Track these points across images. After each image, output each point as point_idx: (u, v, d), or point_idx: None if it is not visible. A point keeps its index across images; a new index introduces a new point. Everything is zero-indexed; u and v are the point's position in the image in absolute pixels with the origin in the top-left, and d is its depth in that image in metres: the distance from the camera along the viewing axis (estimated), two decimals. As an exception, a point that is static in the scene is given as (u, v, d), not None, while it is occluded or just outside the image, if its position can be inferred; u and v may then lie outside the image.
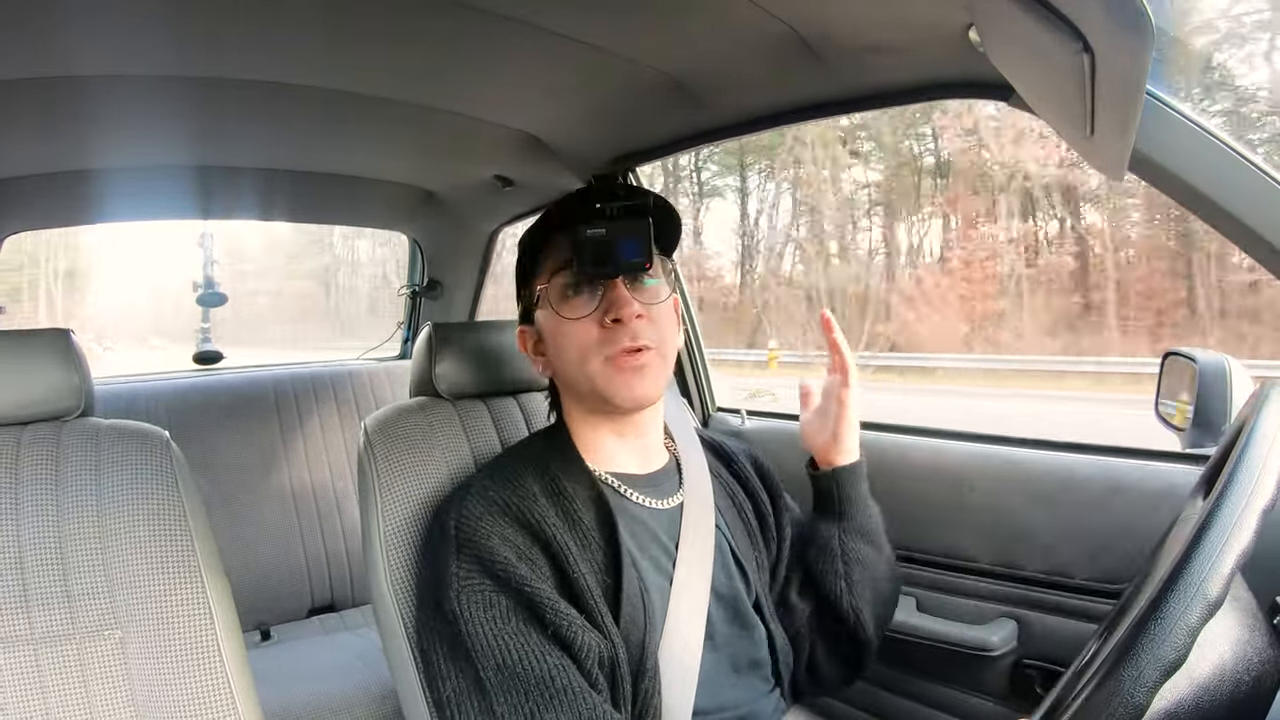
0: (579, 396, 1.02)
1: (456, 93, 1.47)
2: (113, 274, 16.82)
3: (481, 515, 0.91)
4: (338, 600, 2.21)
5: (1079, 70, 0.66)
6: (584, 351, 0.96)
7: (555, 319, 0.99)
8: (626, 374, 0.95)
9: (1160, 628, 0.52)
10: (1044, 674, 1.34)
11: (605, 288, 0.97)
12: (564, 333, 0.98)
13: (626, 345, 0.95)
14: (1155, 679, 0.51)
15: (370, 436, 1.12)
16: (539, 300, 1.01)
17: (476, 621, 0.85)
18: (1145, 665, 0.51)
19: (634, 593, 0.93)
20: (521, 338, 1.09)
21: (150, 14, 1.09)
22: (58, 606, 0.92)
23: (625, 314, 0.95)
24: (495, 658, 0.83)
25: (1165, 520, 0.87)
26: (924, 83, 1.23)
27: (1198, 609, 0.52)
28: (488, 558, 0.87)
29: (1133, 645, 0.52)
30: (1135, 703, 0.50)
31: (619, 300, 0.95)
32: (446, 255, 2.65)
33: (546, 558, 0.90)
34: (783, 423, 1.86)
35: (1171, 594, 0.52)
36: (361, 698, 1.68)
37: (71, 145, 1.64)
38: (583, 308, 0.97)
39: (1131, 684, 0.51)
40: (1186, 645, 0.51)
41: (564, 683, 0.82)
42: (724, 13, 1.09)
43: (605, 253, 0.94)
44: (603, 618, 0.89)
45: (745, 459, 1.19)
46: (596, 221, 0.94)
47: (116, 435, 1.03)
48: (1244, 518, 0.55)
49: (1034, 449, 1.43)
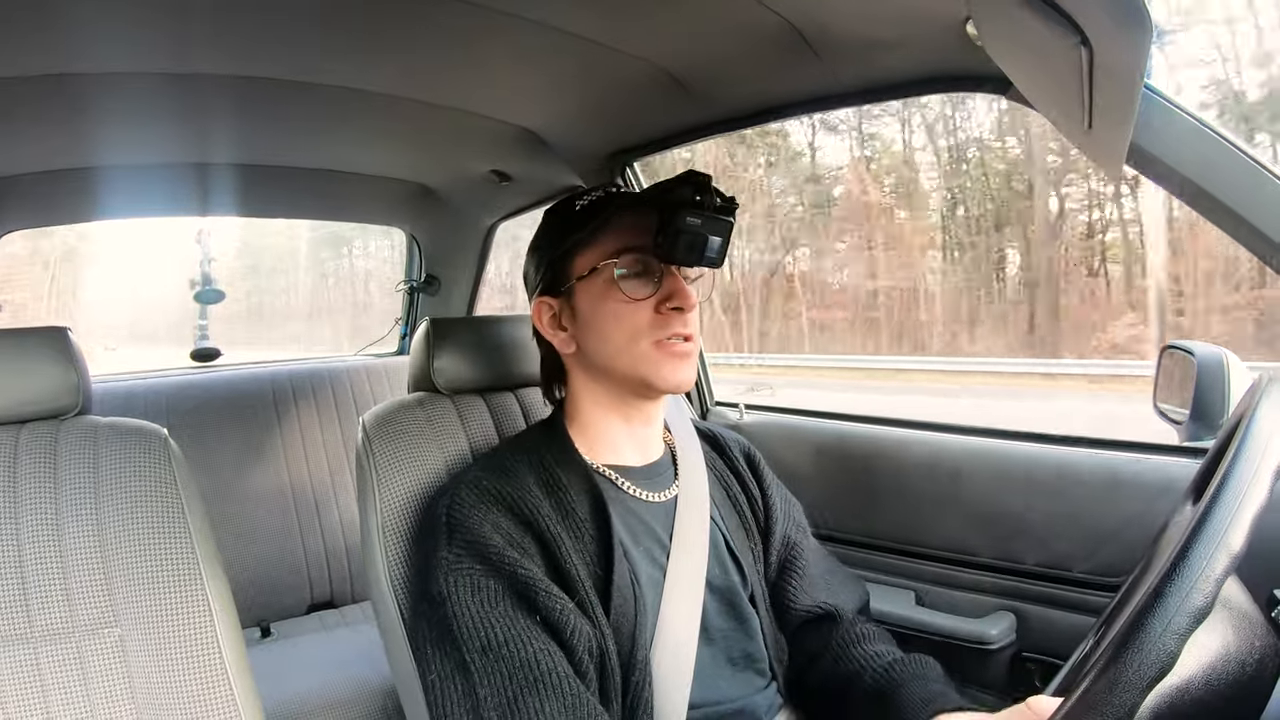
0: (606, 379, 1.02)
1: (453, 88, 1.47)
2: (116, 272, 16.80)
3: (474, 504, 0.91)
4: (337, 596, 2.21)
5: (1077, 64, 0.66)
6: (636, 333, 0.97)
7: (608, 295, 0.98)
8: (675, 359, 0.98)
9: (1190, 571, 0.52)
10: (1043, 667, 1.35)
11: (665, 275, 0.98)
12: (616, 312, 0.98)
13: (680, 331, 0.97)
14: (1187, 624, 0.51)
15: (368, 432, 1.12)
16: (587, 273, 1.00)
17: (463, 603, 0.85)
18: (1176, 608, 0.51)
19: (625, 584, 0.93)
20: (538, 310, 1.05)
21: (149, 11, 1.09)
22: (57, 604, 0.92)
23: (688, 303, 0.98)
24: (480, 639, 0.83)
25: (1164, 513, 0.87)
26: (921, 76, 1.23)
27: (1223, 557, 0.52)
28: (478, 542, 0.87)
29: (1130, 638, 0.52)
30: (1133, 695, 0.51)
31: (682, 290, 0.97)
32: (444, 250, 2.64)
33: (538, 546, 0.90)
34: (781, 416, 1.86)
35: (1169, 588, 0.52)
36: (361, 693, 1.68)
37: (70, 142, 1.64)
38: (642, 290, 0.98)
39: (1131, 674, 0.51)
40: (1214, 594, 0.51)
41: (548, 666, 0.82)
42: (721, 6, 1.09)
43: (698, 244, 0.95)
44: (593, 608, 0.89)
45: (738, 450, 1.19)
46: (694, 211, 0.95)
47: (115, 433, 1.03)
48: (1241, 511, 0.55)
49: (1033, 443, 1.43)
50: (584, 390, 1.05)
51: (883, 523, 1.56)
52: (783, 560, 1.14)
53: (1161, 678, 0.51)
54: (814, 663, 1.10)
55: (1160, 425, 1.33)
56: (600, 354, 1.00)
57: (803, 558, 1.15)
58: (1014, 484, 1.39)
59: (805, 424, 1.78)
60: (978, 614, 1.41)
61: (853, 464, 1.63)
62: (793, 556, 1.14)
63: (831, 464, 1.65)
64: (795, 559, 1.14)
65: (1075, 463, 1.34)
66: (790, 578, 1.13)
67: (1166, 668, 0.51)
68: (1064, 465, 1.35)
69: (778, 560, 1.13)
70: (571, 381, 1.07)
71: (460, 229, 2.52)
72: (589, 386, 1.04)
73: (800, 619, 1.11)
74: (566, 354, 1.05)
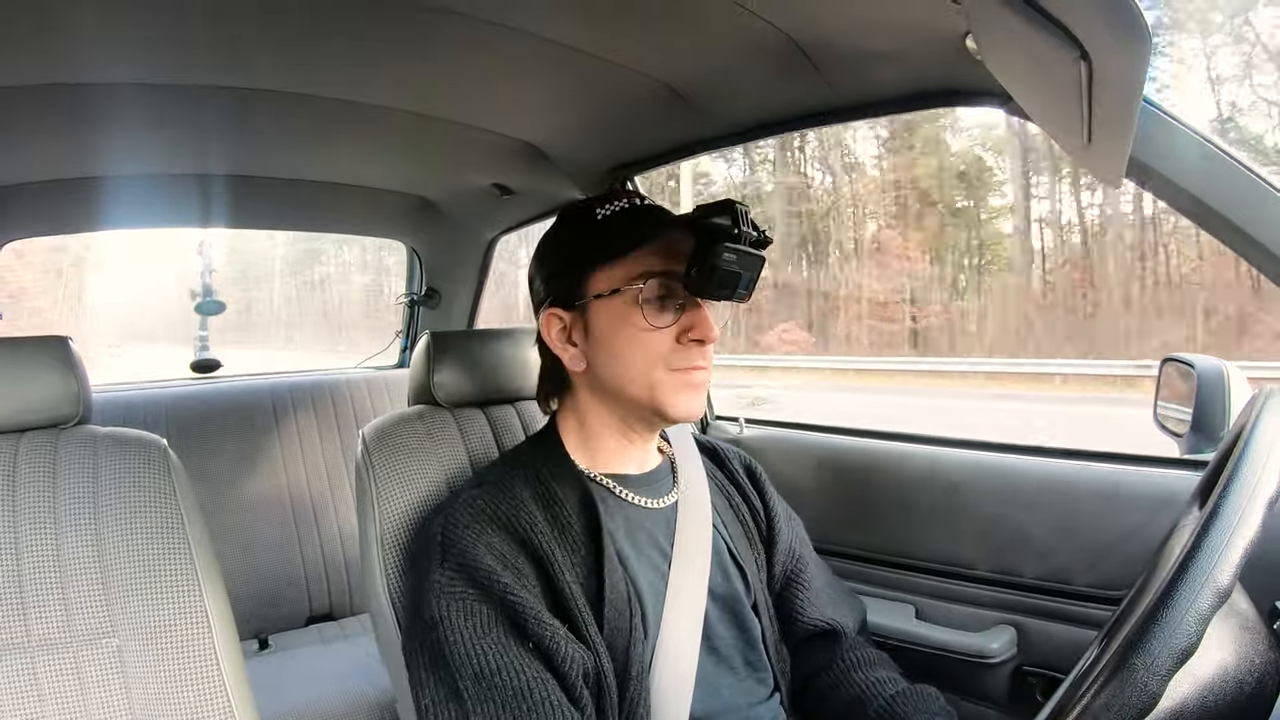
0: (615, 400, 1.00)
1: (454, 101, 1.48)
2: (121, 278, 16.95)
3: (468, 524, 0.90)
4: (336, 609, 2.20)
5: (1076, 78, 0.66)
6: (653, 360, 0.95)
7: (628, 319, 0.95)
8: (689, 390, 0.96)
9: (1173, 613, 0.52)
10: (1044, 681, 1.34)
11: (689, 305, 0.96)
12: (635, 338, 0.95)
13: (699, 364, 0.96)
14: (1170, 664, 0.51)
15: (368, 445, 1.12)
16: (608, 292, 0.96)
17: (456, 628, 0.84)
18: (1149, 671, 0.51)
19: (619, 598, 0.92)
20: (548, 322, 1.01)
21: (152, 23, 1.10)
22: (55, 614, 0.92)
23: (711, 336, 0.96)
24: (473, 666, 0.82)
25: (1164, 526, 0.87)
26: (921, 90, 1.23)
27: (1209, 594, 0.52)
28: (471, 565, 0.87)
29: (1130, 654, 0.52)
30: (1152, 685, 0.51)
31: (706, 323, 0.96)
32: (445, 264, 2.65)
33: (533, 565, 0.89)
34: (781, 431, 1.86)
35: (1184, 578, 0.53)
36: (359, 706, 1.68)
37: (72, 152, 1.64)
38: (666, 318, 0.96)
39: (1146, 666, 0.51)
40: (1199, 632, 0.51)
41: (542, 695, 0.81)
42: (722, 21, 1.10)
43: (731, 280, 0.93)
44: (586, 627, 0.89)
45: (738, 462, 1.19)
46: (733, 245, 0.91)
47: (114, 443, 1.03)
48: (1239, 528, 0.55)
49: (1032, 456, 1.43)
50: (589, 407, 1.03)
51: (882, 536, 1.56)
52: (788, 573, 1.13)
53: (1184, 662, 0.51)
54: (815, 678, 1.10)
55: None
56: (612, 377, 0.98)
57: (807, 571, 1.15)
58: (1013, 497, 1.39)
59: (805, 438, 1.77)
60: (977, 628, 1.40)
61: (852, 478, 1.62)
62: (798, 569, 1.14)
63: (831, 478, 1.65)
64: (800, 572, 1.14)
65: (1075, 475, 1.33)
66: (796, 591, 1.12)
67: (1189, 653, 0.51)
68: (1064, 478, 1.34)
69: (782, 572, 1.13)
70: (576, 396, 1.04)
71: (461, 242, 2.53)
72: (595, 405, 1.02)
73: (805, 633, 1.11)
74: (574, 370, 1.02)
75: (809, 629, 1.11)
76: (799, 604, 1.12)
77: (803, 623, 1.11)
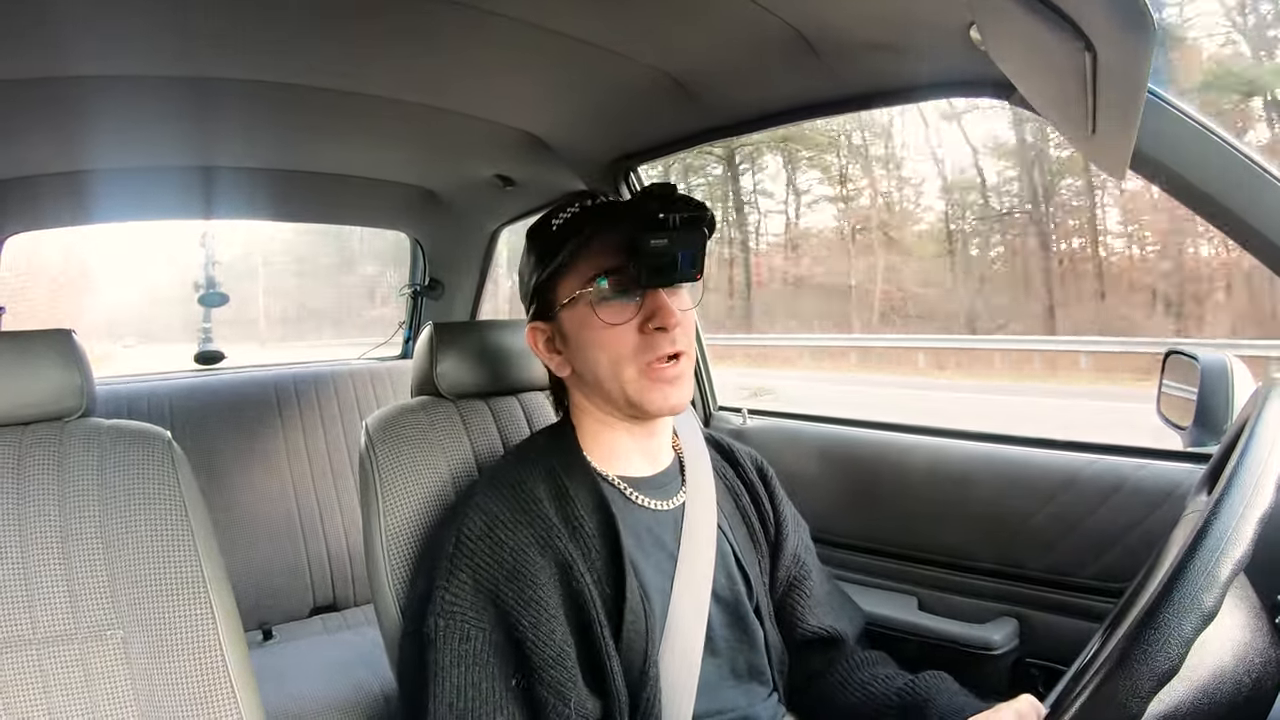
0: (602, 399, 1.01)
1: (458, 92, 1.47)
2: (130, 272, 16.97)
3: (482, 534, 0.90)
4: (340, 599, 2.21)
5: (1081, 69, 0.66)
6: (620, 358, 0.96)
7: (588, 322, 0.97)
8: (663, 384, 0.96)
9: (1156, 635, 0.52)
10: (1046, 673, 1.34)
11: (645, 294, 0.96)
12: (598, 338, 0.96)
13: (666, 351, 0.95)
14: (1150, 686, 0.51)
15: (372, 436, 1.13)
16: (567, 301, 0.99)
17: (446, 654, 0.86)
18: (1141, 672, 0.51)
19: (636, 603, 0.92)
20: (532, 335, 1.05)
21: (151, 14, 1.09)
22: (60, 607, 0.92)
23: (670, 322, 0.95)
24: (449, 697, 0.84)
25: (1167, 518, 0.87)
26: (924, 81, 1.23)
27: (1192, 618, 0.52)
28: (478, 583, 0.88)
29: (1129, 652, 0.52)
30: (1133, 707, 0.51)
31: (664, 308, 0.95)
32: (448, 255, 2.64)
33: (552, 569, 0.90)
34: (784, 421, 1.86)
35: (1168, 601, 0.53)
36: (364, 696, 1.68)
37: (73, 145, 1.64)
38: (623, 313, 0.96)
39: (1127, 689, 0.51)
40: (1181, 655, 0.51)
41: None
42: (725, 11, 1.09)
43: (667, 262, 0.92)
44: (601, 629, 0.89)
45: (750, 463, 1.19)
46: (658, 231, 0.91)
47: (118, 435, 1.03)
48: (1242, 524, 0.55)
49: (1036, 448, 1.43)
50: (586, 408, 1.04)
51: (885, 527, 1.56)
52: (791, 578, 1.13)
53: (1165, 683, 0.51)
54: (814, 681, 1.11)
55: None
56: (593, 378, 1.00)
57: (811, 578, 1.14)
58: (1017, 489, 1.39)
59: (808, 429, 1.77)
60: (980, 619, 1.40)
61: (856, 469, 1.62)
62: (801, 576, 1.14)
63: (834, 469, 1.65)
64: (804, 579, 1.14)
65: (1078, 468, 1.33)
66: (798, 597, 1.12)
67: (1172, 672, 0.51)
68: (1067, 470, 1.34)
69: (785, 577, 1.13)
70: (573, 398, 1.06)
71: (464, 233, 2.52)
72: (589, 405, 1.04)
73: (805, 639, 1.11)
74: (563, 376, 1.05)
75: (809, 635, 1.11)
76: (800, 611, 1.11)
77: (803, 630, 1.11)
